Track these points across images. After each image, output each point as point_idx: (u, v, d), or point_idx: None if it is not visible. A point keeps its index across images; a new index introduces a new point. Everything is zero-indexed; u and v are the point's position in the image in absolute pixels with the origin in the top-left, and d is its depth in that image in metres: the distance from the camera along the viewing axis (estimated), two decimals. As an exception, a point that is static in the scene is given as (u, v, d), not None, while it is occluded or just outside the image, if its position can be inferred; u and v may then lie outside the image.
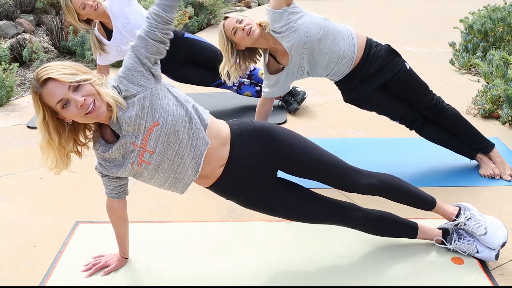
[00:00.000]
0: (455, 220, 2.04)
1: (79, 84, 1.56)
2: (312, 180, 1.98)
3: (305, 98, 3.64)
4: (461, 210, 2.05)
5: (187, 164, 1.75)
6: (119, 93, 1.64)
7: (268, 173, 1.89)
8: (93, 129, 1.73)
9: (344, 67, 2.48)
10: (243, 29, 2.39)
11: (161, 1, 1.65)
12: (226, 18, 2.46)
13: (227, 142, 1.82)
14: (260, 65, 2.88)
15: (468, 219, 2.01)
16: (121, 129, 1.66)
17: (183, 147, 1.72)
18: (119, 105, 1.62)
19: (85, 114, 1.58)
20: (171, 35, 1.70)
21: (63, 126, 1.64)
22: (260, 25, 2.43)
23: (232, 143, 1.82)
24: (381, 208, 2.30)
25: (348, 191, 2.01)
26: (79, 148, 1.72)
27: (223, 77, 2.50)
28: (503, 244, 1.97)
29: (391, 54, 2.49)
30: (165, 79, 1.76)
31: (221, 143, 1.81)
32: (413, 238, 2.10)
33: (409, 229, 2.08)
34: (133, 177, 1.79)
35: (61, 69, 1.56)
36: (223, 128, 1.84)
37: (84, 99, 1.56)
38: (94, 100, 1.58)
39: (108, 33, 3.34)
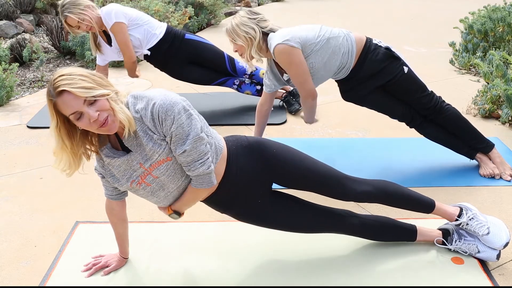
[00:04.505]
0: (457, 220, 2.03)
1: (94, 100, 1.53)
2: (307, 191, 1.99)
3: None
4: (463, 210, 2.04)
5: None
6: (140, 117, 1.61)
7: (262, 186, 1.90)
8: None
9: (341, 74, 2.53)
10: (236, 50, 2.48)
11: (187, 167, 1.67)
12: (227, 26, 2.50)
13: (224, 160, 1.81)
14: (261, 65, 2.88)
15: (470, 219, 2.01)
16: (137, 147, 1.64)
17: (186, 183, 1.74)
18: (130, 125, 1.59)
19: (97, 128, 1.56)
20: None
21: (75, 130, 1.62)
22: (252, 57, 2.47)
23: (228, 161, 1.82)
24: (381, 209, 2.30)
25: (344, 200, 2.01)
26: (88, 152, 1.71)
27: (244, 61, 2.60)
28: (506, 244, 1.97)
29: (388, 59, 2.48)
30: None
31: (219, 161, 1.80)
32: (412, 241, 2.10)
33: (408, 233, 2.08)
34: (128, 190, 1.81)
35: (79, 81, 1.51)
36: (223, 148, 1.83)
37: (98, 115, 1.53)
38: (107, 116, 1.56)
39: (109, 38, 3.36)
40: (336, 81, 2.65)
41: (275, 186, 1.95)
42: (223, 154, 1.81)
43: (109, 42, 3.37)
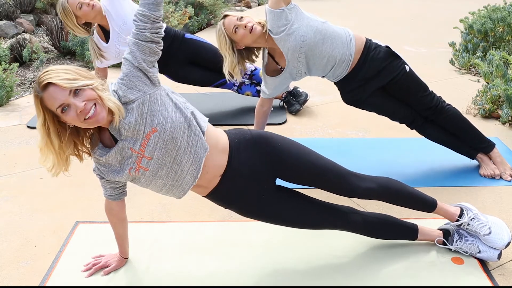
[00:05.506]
0: (458, 220, 2.03)
1: (80, 89, 1.56)
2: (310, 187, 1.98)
3: (307, 100, 3.63)
4: (464, 210, 2.04)
5: (185, 170, 1.75)
6: (118, 98, 1.64)
7: (266, 181, 1.89)
8: (90, 131, 1.71)
9: (340, 70, 2.49)
10: (245, 26, 2.38)
11: (145, 0, 1.64)
12: (225, 16, 2.46)
13: (225, 151, 1.81)
14: (260, 64, 2.88)
15: (471, 219, 2.01)
16: (120, 134, 1.66)
17: (181, 153, 1.71)
18: (120, 112, 1.61)
19: (85, 119, 1.57)
20: (162, 33, 1.68)
21: (64, 129, 1.64)
22: (260, 23, 2.43)
23: (230, 153, 1.81)
24: (381, 209, 2.30)
25: (347, 196, 2.01)
26: (80, 152, 1.72)
27: (227, 76, 2.51)
28: (508, 244, 1.96)
29: (389, 57, 2.48)
30: (166, 82, 1.75)
31: (219, 152, 1.80)
32: (413, 240, 2.10)
33: (409, 232, 2.08)
34: (131, 182, 1.79)
35: (62, 74, 1.55)
36: (221, 137, 1.83)
37: (85, 104, 1.55)
38: (95, 105, 1.57)
39: (106, 35, 3.35)
40: (335, 83, 2.63)
41: (278, 181, 1.95)
42: (224, 147, 1.80)
43: (106, 39, 3.35)
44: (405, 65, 2.51)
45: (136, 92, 1.64)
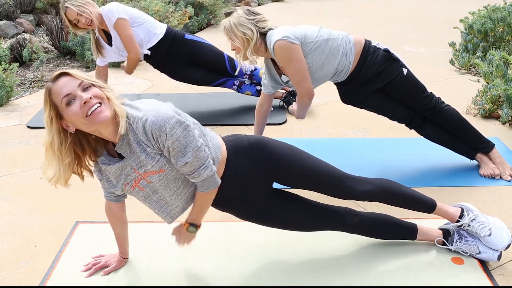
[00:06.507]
0: (458, 221, 2.03)
1: (90, 86, 1.57)
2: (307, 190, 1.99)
3: None
4: (464, 211, 2.04)
5: (176, 204, 1.80)
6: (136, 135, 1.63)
7: (263, 186, 1.90)
8: (93, 139, 1.68)
9: (340, 78, 2.53)
10: (233, 49, 2.49)
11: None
12: (225, 25, 2.51)
13: (223, 161, 1.81)
14: (261, 64, 2.88)
15: (472, 220, 2.01)
16: (132, 152, 1.65)
17: (179, 192, 1.76)
18: (125, 122, 1.59)
19: (87, 115, 1.54)
20: None
21: (66, 135, 1.61)
22: (244, 55, 2.48)
23: (228, 161, 1.82)
24: (381, 209, 2.30)
25: (345, 199, 2.02)
26: (81, 169, 1.71)
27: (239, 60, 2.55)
28: (508, 246, 1.96)
29: (387, 61, 2.48)
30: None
31: (218, 163, 1.80)
32: (412, 240, 2.10)
33: (408, 231, 2.08)
34: (126, 193, 1.82)
35: (78, 72, 1.59)
36: (222, 148, 1.83)
37: (90, 98, 1.55)
38: (100, 103, 1.57)
39: (109, 37, 3.36)
40: (335, 83, 2.65)
41: (276, 185, 1.95)
42: (222, 158, 1.81)
43: (109, 42, 3.37)
44: (403, 68, 2.51)
45: (158, 152, 1.64)
